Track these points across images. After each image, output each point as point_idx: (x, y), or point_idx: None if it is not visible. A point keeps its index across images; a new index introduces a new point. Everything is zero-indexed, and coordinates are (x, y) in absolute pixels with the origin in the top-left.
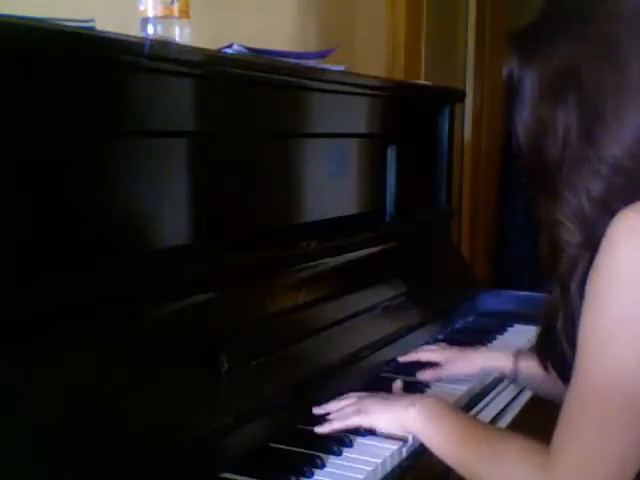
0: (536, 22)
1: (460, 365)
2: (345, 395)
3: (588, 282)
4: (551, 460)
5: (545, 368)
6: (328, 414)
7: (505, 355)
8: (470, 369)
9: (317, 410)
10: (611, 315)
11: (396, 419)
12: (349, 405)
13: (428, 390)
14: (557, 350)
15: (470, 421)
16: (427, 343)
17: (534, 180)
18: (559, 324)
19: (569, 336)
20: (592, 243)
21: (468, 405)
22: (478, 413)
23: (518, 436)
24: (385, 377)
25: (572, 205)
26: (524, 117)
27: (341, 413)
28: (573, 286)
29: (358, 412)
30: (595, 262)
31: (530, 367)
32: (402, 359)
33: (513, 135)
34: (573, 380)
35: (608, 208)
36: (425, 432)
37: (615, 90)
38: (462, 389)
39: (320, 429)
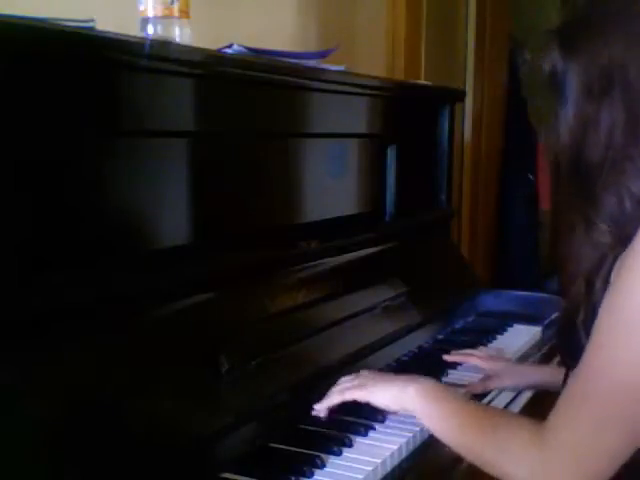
0: (580, 16)
1: (511, 381)
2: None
3: (614, 275)
4: (545, 434)
5: (565, 364)
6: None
7: (557, 370)
8: (521, 385)
9: (317, 406)
10: (634, 307)
11: (395, 396)
12: (347, 380)
13: None
14: (577, 346)
15: (468, 402)
16: (427, 343)
17: (572, 181)
18: (580, 319)
19: (589, 331)
20: (623, 243)
21: None
22: None
23: (514, 414)
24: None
25: (610, 207)
26: (567, 115)
27: (342, 386)
28: (598, 283)
29: (357, 386)
30: (623, 256)
31: None
32: (448, 358)
33: (554, 133)
34: (583, 363)
35: None
36: (424, 411)
37: None
38: (462, 391)
39: (319, 405)
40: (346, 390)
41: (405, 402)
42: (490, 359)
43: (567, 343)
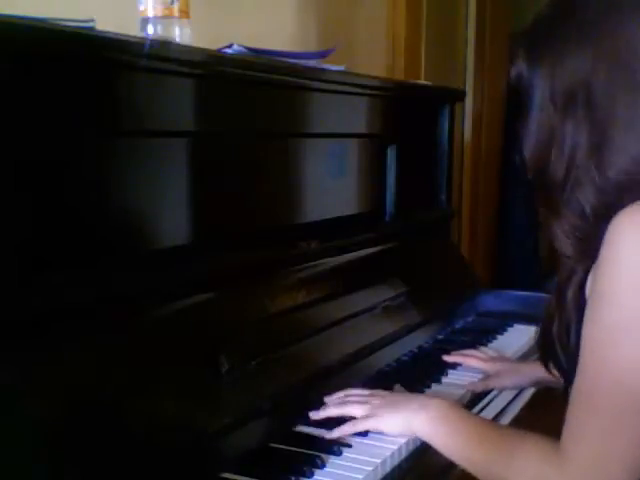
0: (545, 21)
1: (511, 380)
2: (345, 392)
3: (590, 288)
4: (560, 458)
5: (547, 368)
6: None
7: None
8: (522, 383)
9: (314, 415)
10: (616, 313)
11: (405, 423)
12: (356, 405)
13: (428, 390)
14: (555, 355)
15: (479, 422)
16: (427, 343)
17: (537, 191)
18: (554, 329)
19: (563, 343)
20: (589, 255)
21: (469, 405)
22: (478, 413)
23: (529, 434)
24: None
25: (571, 221)
26: (531, 127)
27: (349, 411)
28: (569, 294)
29: (367, 416)
30: (598, 260)
31: None
32: (448, 359)
33: (519, 145)
34: (579, 377)
35: (607, 222)
36: (435, 436)
37: (630, 111)
38: (462, 390)
39: (329, 435)
40: (358, 422)
41: (415, 426)
42: (489, 360)
43: (546, 352)
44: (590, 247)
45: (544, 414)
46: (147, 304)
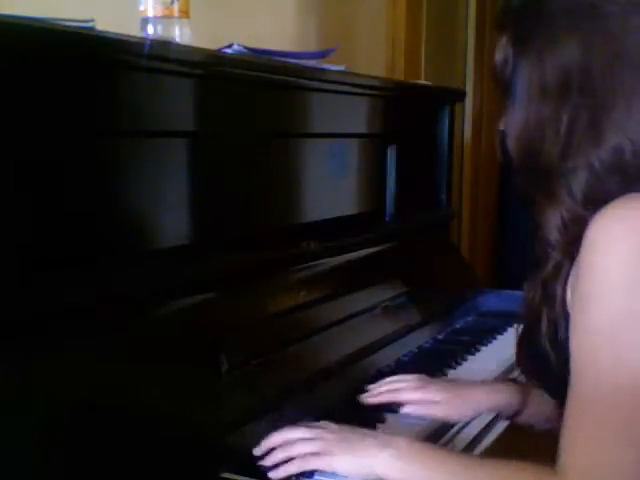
0: (532, 4)
1: (456, 410)
2: (290, 428)
3: (573, 282)
4: (560, 475)
5: (523, 371)
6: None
7: (507, 388)
8: (469, 414)
9: (257, 451)
10: (609, 315)
11: (362, 464)
12: (305, 443)
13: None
14: (539, 353)
15: (451, 455)
16: (427, 343)
17: (528, 179)
18: (543, 327)
19: (552, 339)
20: (575, 247)
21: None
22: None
23: (510, 462)
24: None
25: (565, 206)
26: (519, 114)
27: (298, 451)
28: (558, 290)
29: (317, 454)
30: (577, 261)
31: (541, 402)
32: (370, 401)
33: (504, 131)
34: (573, 387)
35: (594, 211)
36: (402, 475)
37: (629, 92)
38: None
39: (274, 474)
40: (306, 460)
41: (377, 466)
42: (422, 388)
43: (527, 349)
44: (577, 238)
45: (519, 443)
46: (147, 304)
